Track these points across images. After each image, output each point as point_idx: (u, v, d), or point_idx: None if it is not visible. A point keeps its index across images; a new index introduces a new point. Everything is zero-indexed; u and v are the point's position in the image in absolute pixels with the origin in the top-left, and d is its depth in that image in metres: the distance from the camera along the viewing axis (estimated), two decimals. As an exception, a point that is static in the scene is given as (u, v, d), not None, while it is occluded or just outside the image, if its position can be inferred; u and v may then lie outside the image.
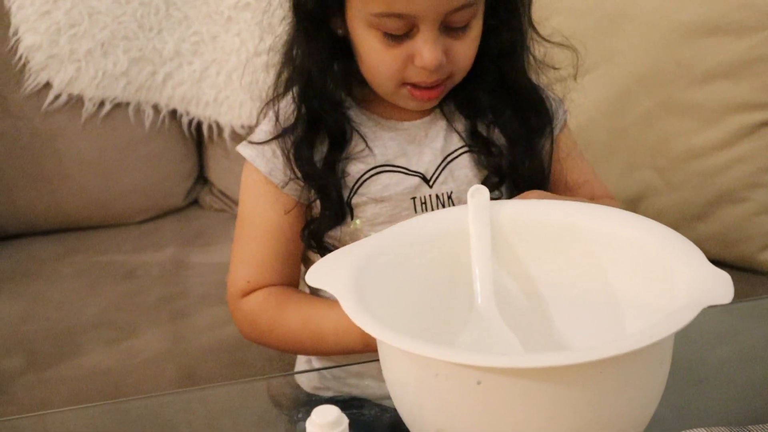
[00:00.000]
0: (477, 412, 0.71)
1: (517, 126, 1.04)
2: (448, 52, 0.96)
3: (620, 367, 0.70)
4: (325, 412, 0.69)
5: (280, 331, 1.01)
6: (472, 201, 0.88)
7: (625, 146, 1.10)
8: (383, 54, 0.96)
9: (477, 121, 1.04)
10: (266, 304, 1.02)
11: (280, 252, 1.03)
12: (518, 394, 0.69)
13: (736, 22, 1.48)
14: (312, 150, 1.01)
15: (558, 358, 0.67)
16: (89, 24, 1.68)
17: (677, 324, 0.70)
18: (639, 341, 0.68)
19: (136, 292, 1.56)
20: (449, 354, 0.70)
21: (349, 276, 0.79)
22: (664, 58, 1.51)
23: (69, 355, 1.41)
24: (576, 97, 1.08)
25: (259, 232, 1.03)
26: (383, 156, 1.03)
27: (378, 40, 0.96)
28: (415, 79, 0.97)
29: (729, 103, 1.50)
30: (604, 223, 0.87)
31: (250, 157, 1.03)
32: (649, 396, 0.75)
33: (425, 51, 0.94)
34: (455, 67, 0.98)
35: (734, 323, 1.07)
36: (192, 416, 0.98)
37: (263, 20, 1.06)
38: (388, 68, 0.97)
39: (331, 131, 1.01)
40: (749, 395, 0.96)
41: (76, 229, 1.75)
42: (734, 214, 1.53)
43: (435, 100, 1.01)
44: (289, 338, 1.01)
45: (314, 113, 1.01)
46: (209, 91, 1.73)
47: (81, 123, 1.70)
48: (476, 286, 0.87)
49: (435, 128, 1.05)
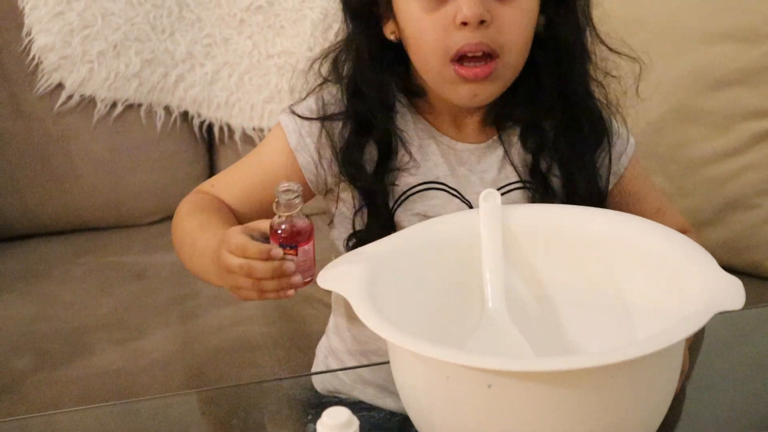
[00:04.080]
0: (487, 416, 0.71)
1: (574, 157, 1.00)
2: (494, 14, 0.92)
3: (631, 371, 0.70)
4: (336, 414, 0.69)
5: (178, 228, 1.00)
6: (484, 205, 0.88)
7: (637, 152, 1.10)
8: (425, 21, 0.93)
9: (539, 156, 1.00)
10: (191, 197, 1.02)
11: (254, 192, 1.01)
12: (529, 397, 0.69)
13: (749, 29, 1.48)
14: (361, 155, 0.99)
15: (569, 362, 0.68)
16: (102, 25, 1.68)
17: (689, 329, 0.70)
18: (651, 346, 0.68)
19: (146, 293, 1.56)
20: (461, 357, 0.70)
21: (361, 279, 0.80)
22: (678, 65, 1.51)
23: (79, 355, 1.41)
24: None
25: (254, 166, 1.04)
26: (431, 172, 1.00)
27: (419, 6, 0.93)
28: (460, 43, 0.92)
29: (740, 110, 1.50)
30: (615, 228, 0.87)
31: (285, 125, 1.01)
32: (660, 401, 0.75)
33: (463, 3, 0.91)
34: (503, 37, 0.93)
35: (743, 330, 1.07)
36: (201, 417, 0.98)
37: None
38: (431, 35, 0.93)
39: (378, 139, 0.99)
40: (759, 402, 0.95)
41: (86, 229, 1.75)
42: (744, 221, 1.52)
43: (485, 84, 0.95)
44: (178, 236, 0.99)
45: (362, 116, 0.99)
46: (221, 94, 1.74)
47: (93, 124, 1.70)
48: (487, 290, 0.87)
49: (490, 157, 1.02)
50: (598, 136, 1.02)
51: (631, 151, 1.06)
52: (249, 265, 0.83)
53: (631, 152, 1.06)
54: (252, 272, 0.84)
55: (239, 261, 0.84)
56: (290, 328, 1.46)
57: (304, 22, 1.70)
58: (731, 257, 1.52)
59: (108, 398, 1.31)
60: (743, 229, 1.53)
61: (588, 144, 1.01)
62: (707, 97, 1.51)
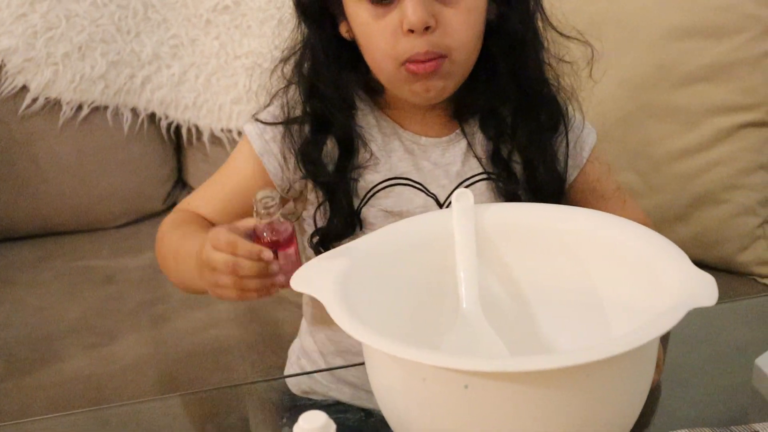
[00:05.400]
0: (464, 416, 0.71)
1: (534, 141, 1.01)
2: (439, 18, 0.93)
3: (607, 369, 0.70)
4: (313, 418, 0.68)
5: (161, 245, 1.03)
6: (457, 205, 0.88)
7: (607, 149, 1.10)
8: (374, 27, 0.94)
9: (500, 143, 1.02)
10: (170, 217, 1.05)
11: (231, 203, 1.03)
12: (505, 397, 0.69)
13: (716, 25, 1.49)
14: (320, 152, 1.00)
15: (545, 361, 0.68)
16: (66, 27, 1.66)
17: (663, 327, 0.70)
18: (626, 344, 0.68)
19: (116, 297, 1.55)
20: (437, 358, 0.70)
21: (334, 281, 0.79)
22: (646, 62, 1.52)
23: (48, 362, 1.39)
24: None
25: (226, 177, 1.06)
26: (395, 168, 1.01)
27: (366, 11, 0.94)
28: (409, 51, 0.94)
29: (709, 106, 1.51)
30: (589, 225, 0.87)
31: (248, 133, 1.03)
32: (635, 398, 0.76)
33: (409, 8, 0.91)
34: (450, 39, 0.94)
35: (715, 324, 1.07)
36: (174, 422, 0.98)
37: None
38: (381, 42, 0.95)
39: (338, 138, 1.00)
40: (731, 396, 0.96)
41: (54, 234, 1.73)
42: (714, 216, 1.54)
43: (435, 80, 0.96)
44: (162, 253, 1.03)
45: (320, 116, 1.00)
46: (188, 95, 1.72)
47: (58, 127, 1.69)
48: (461, 290, 0.87)
49: (454, 150, 1.03)
50: (554, 121, 1.03)
51: (591, 142, 1.07)
52: (235, 262, 0.85)
53: (592, 143, 1.07)
54: (237, 269, 0.85)
55: (225, 257, 0.85)
56: (263, 331, 1.45)
57: (271, 22, 1.69)
58: (701, 252, 1.54)
59: (78, 405, 1.29)
60: (712, 224, 1.54)
61: (545, 128, 1.02)
62: (675, 94, 1.52)
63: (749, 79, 1.50)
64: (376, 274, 0.83)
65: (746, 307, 1.17)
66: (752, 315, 1.13)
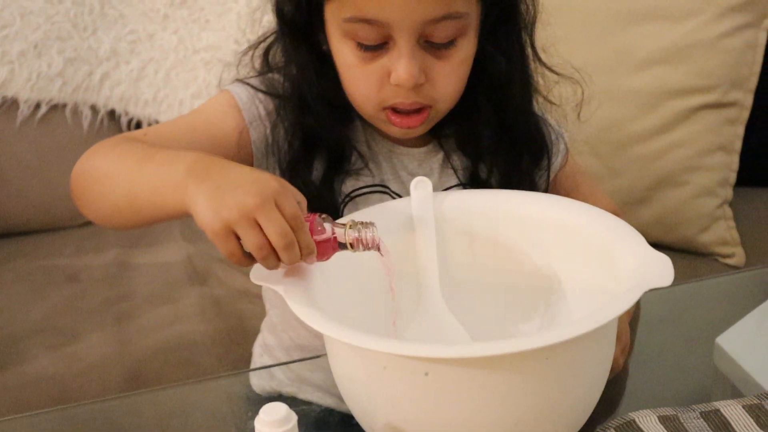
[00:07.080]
0: (426, 403, 0.71)
1: (513, 167, 0.98)
2: (429, 73, 0.88)
3: (565, 352, 0.70)
4: (273, 410, 0.69)
5: (101, 156, 0.84)
6: (415, 193, 0.88)
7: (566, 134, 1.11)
8: (358, 70, 0.89)
9: (479, 162, 0.98)
10: (115, 139, 0.87)
11: (199, 147, 0.89)
12: (466, 383, 0.70)
13: (672, 8, 1.50)
14: (310, 170, 0.94)
15: (504, 346, 0.68)
16: (21, 25, 1.65)
17: (620, 308, 0.71)
18: (582, 327, 0.69)
19: (80, 296, 1.54)
20: (397, 346, 0.70)
21: (294, 272, 0.79)
22: (603, 46, 1.53)
23: (12, 363, 1.38)
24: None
25: (197, 122, 0.93)
26: (376, 175, 0.98)
27: (352, 53, 0.89)
28: (393, 100, 0.89)
29: (666, 89, 1.52)
30: (547, 209, 0.88)
31: (238, 95, 0.94)
32: (595, 379, 0.76)
33: (399, 65, 0.86)
34: (437, 92, 0.90)
35: (677, 305, 1.08)
36: (141, 419, 0.97)
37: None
38: (364, 86, 0.90)
39: (330, 149, 0.95)
40: (692, 375, 0.97)
41: (15, 234, 1.72)
42: (674, 197, 1.55)
43: (416, 129, 0.93)
44: (102, 163, 0.84)
45: (313, 132, 0.94)
46: (148, 90, 1.71)
47: (16, 126, 1.68)
48: (422, 278, 0.87)
49: (431, 161, 1.00)
50: (537, 156, 1.00)
51: (565, 150, 1.06)
52: (289, 241, 0.73)
53: (566, 150, 1.06)
54: (282, 244, 0.73)
55: (283, 226, 0.73)
56: (228, 325, 1.45)
57: (229, 15, 1.69)
58: (663, 234, 1.55)
59: (43, 405, 1.28)
60: (674, 206, 1.55)
61: (527, 163, 1.00)
62: (634, 77, 1.53)
63: (706, 61, 1.51)
64: (336, 264, 0.82)
65: (707, 286, 1.18)
66: (713, 294, 1.14)
